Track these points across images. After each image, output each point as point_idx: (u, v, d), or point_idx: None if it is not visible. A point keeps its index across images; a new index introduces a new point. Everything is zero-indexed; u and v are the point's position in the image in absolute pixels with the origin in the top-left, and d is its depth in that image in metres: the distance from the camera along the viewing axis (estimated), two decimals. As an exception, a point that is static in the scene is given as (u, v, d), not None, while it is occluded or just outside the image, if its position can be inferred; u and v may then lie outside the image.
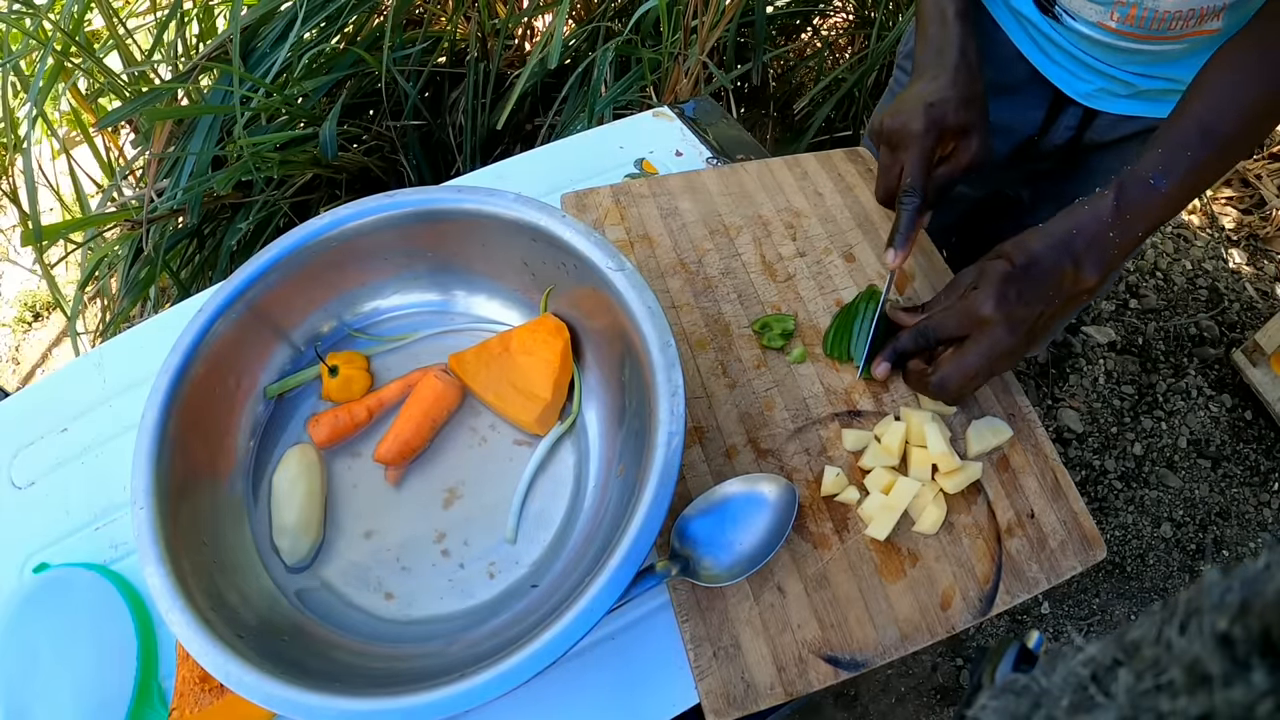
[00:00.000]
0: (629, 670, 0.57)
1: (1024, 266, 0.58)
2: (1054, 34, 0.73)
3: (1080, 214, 0.59)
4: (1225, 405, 1.61)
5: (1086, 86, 0.75)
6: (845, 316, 0.69)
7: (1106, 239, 0.58)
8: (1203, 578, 0.19)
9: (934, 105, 0.64)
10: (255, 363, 0.64)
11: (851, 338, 0.68)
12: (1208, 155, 0.57)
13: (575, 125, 1.25)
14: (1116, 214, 0.58)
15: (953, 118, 0.64)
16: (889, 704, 1.32)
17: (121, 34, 1.19)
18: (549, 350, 0.63)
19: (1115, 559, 1.46)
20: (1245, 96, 0.56)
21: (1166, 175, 0.57)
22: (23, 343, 1.87)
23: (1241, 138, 0.57)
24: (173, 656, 0.58)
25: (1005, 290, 0.58)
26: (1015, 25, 0.77)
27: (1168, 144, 0.57)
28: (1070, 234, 0.58)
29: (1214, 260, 1.81)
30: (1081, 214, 0.59)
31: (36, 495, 0.67)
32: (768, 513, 0.58)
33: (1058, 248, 0.58)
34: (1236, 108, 0.56)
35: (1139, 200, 0.57)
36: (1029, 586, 0.59)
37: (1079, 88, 0.76)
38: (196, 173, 1.13)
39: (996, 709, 0.25)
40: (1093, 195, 0.59)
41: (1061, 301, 0.59)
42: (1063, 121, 0.80)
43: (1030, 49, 0.77)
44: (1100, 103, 0.75)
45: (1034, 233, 0.60)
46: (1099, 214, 0.58)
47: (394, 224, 0.64)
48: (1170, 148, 0.57)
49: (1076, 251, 0.58)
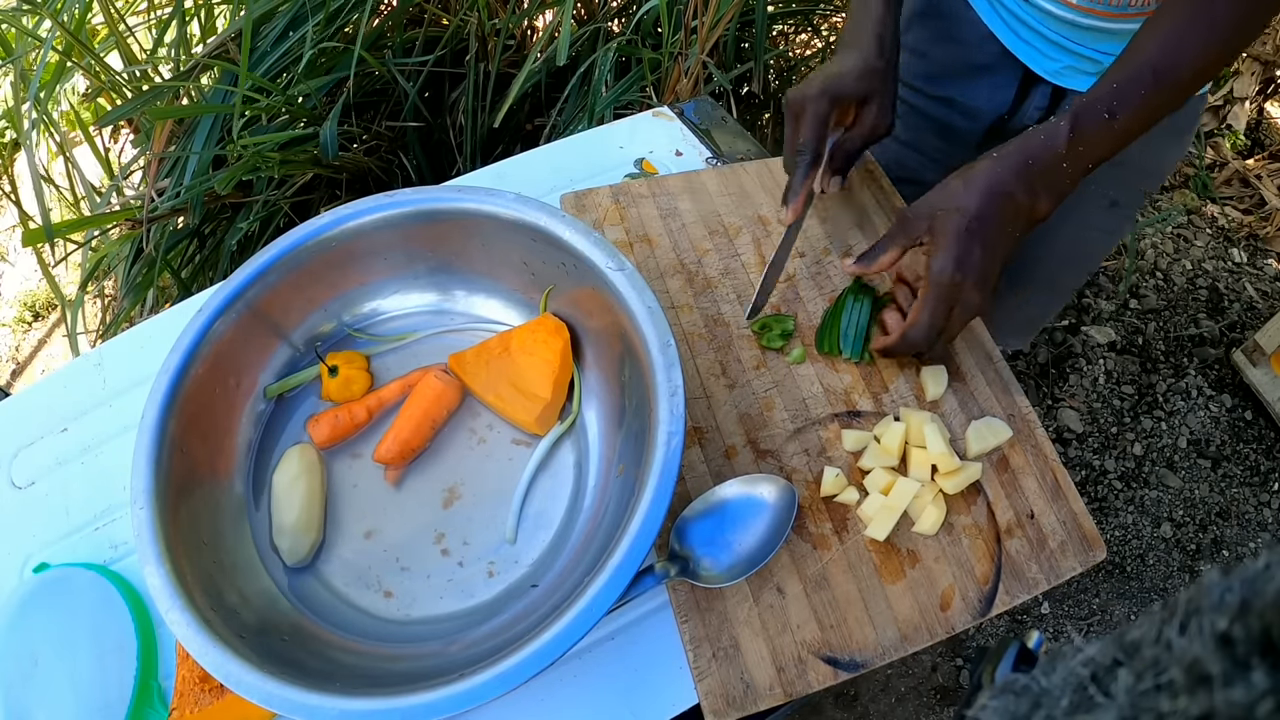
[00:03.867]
0: (629, 670, 0.57)
1: (979, 216, 0.58)
2: (1022, 13, 0.75)
3: (1034, 142, 0.59)
4: (1225, 405, 1.61)
5: (1055, 64, 0.76)
6: (834, 312, 0.70)
7: (1060, 168, 0.59)
8: (1203, 578, 0.19)
9: (835, 76, 0.66)
10: (255, 363, 0.64)
11: (840, 332, 0.68)
12: (1159, 94, 0.58)
13: (576, 125, 1.25)
14: (1070, 143, 0.58)
15: (851, 87, 0.66)
16: (889, 704, 1.32)
17: (122, 30, 1.19)
18: (549, 350, 0.63)
19: (1115, 559, 1.46)
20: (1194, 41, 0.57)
21: (1120, 109, 0.58)
22: (23, 343, 1.87)
23: (1190, 79, 0.58)
24: (173, 656, 0.58)
25: (968, 249, 0.58)
26: (986, 5, 0.79)
27: (1121, 80, 0.58)
28: (1026, 164, 0.59)
29: (1214, 260, 1.81)
30: (1035, 142, 0.59)
31: (36, 495, 0.67)
32: (767, 513, 0.58)
33: (1013, 179, 0.59)
34: (1187, 51, 0.57)
35: (1093, 130, 0.58)
36: (1029, 587, 0.59)
37: (1047, 66, 0.76)
38: (197, 172, 1.13)
39: (996, 709, 0.25)
40: (1046, 124, 0.60)
41: (1020, 234, 0.60)
42: (1032, 101, 0.81)
43: (1000, 28, 0.78)
44: (1068, 80, 0.76)
45: (985, 165, 0.60)
46: (1054, 143, 0.58)
47: (394, 224, 0.64)
48: (1124, 83, 0.58)
49: (1031, 180, 0.59)
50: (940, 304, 0.60)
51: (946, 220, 0.59)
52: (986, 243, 0.59)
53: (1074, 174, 0.59)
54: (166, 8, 1.29)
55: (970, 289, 0.59)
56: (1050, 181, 0.59)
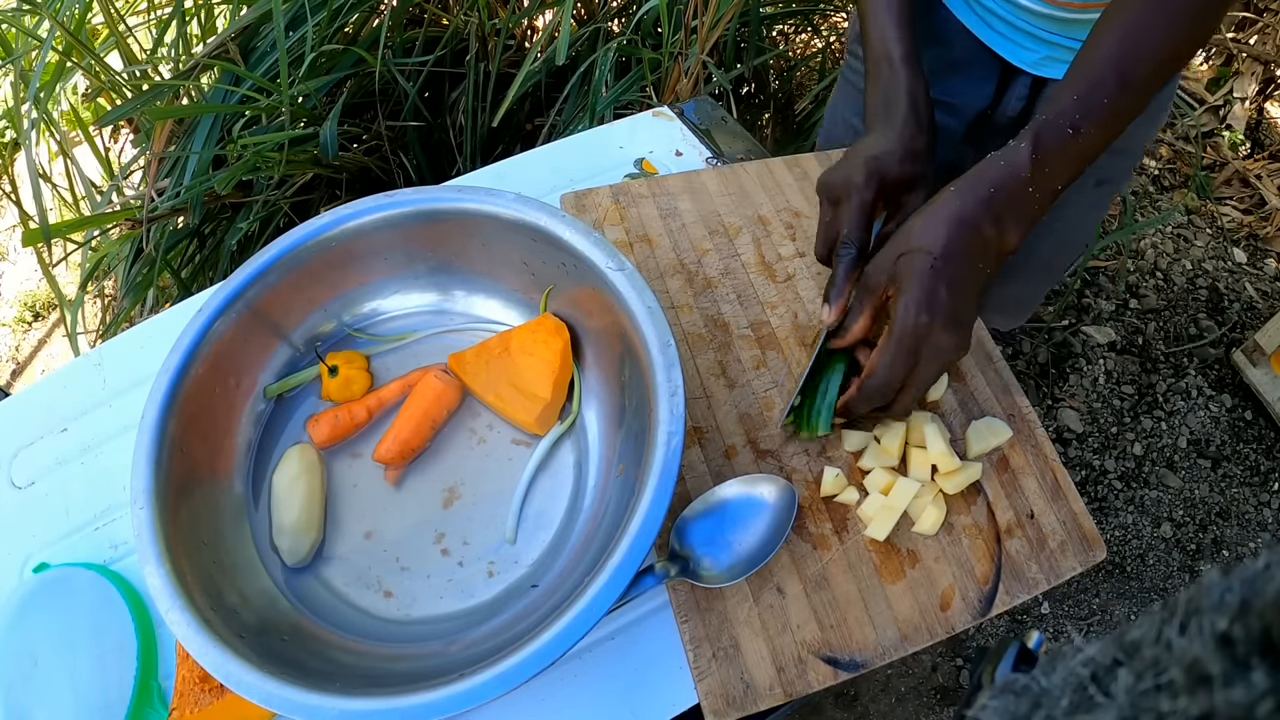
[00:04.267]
0: (629, 670, 0.57)
1: (944, 255, 0.53)
2: (995, 7, 0.74)
3: (995, 169, 0.54)
4: (1225, 405, 1.61)
5: (1033, 56, 0.75)
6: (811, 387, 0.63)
7: (1026, 194, 0.54)
8: (1203, 578, 0.19)
9: (877, 158, 0.61)
10: (255, 363, 0.64)
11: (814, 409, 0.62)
12: (1123, 99, 0.54)
13: (576, 125, 1.25)
14: (1035, 166, 0.54)
15: (896, 170, 0.61)
16: (889, 704, 1.32)
17: (122, 30, 1.19)
18: (549, 350, 0.63)
19: (1115, 559, 1.46)
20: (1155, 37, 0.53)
21: (1084, 120, 0.54)
22: (23, 343, 1.87)
23: (1154, 78, 0.54)
24: (173, 656, 0.58)
25: (933, 290, 0.53)
26: (959, 2, 0.77)
27: (1081, 89, 0.54)
28: (989, 193, 0.54)
29: (1214, 260, 1.81)
30: (997, 169, 0.54)
31: (36, 495, 0.67)
32: (767, 513, 0.58)
33: (977, 212, 0.54)
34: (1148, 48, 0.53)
35: (1057, 149, 0.54)
36: (1029, 587, 0.59)
37: (1025, 57, 0.75)
38: (197, 172, 1.13)
39: (996, 709, 0.25)
40: (1005, 148, 0.55)
41: (990, 270, 0.55)
42: (1014, 92, 0.80)
43: (974, 22, 0.77)
44: (1049, 70, 0.75)
45: (945, 200, 0.55)
46: (1016, 168, 0.54)
47: (394, 224, 0.64)
48: (1085, 92, 0.54)
49: (998, 211, 0.54)
50: (901, 351, 0.54)
51: (910, 262, 0.54)
52: (954, 282, 0.54)
53: (1042, 200, 0.55)
54: (166, 8, 1.29)
55: (939, 331, 0.53)
56: (1017, 211, 0.54)
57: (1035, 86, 0.79)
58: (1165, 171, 1.96)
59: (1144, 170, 1.95)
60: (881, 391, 0.56)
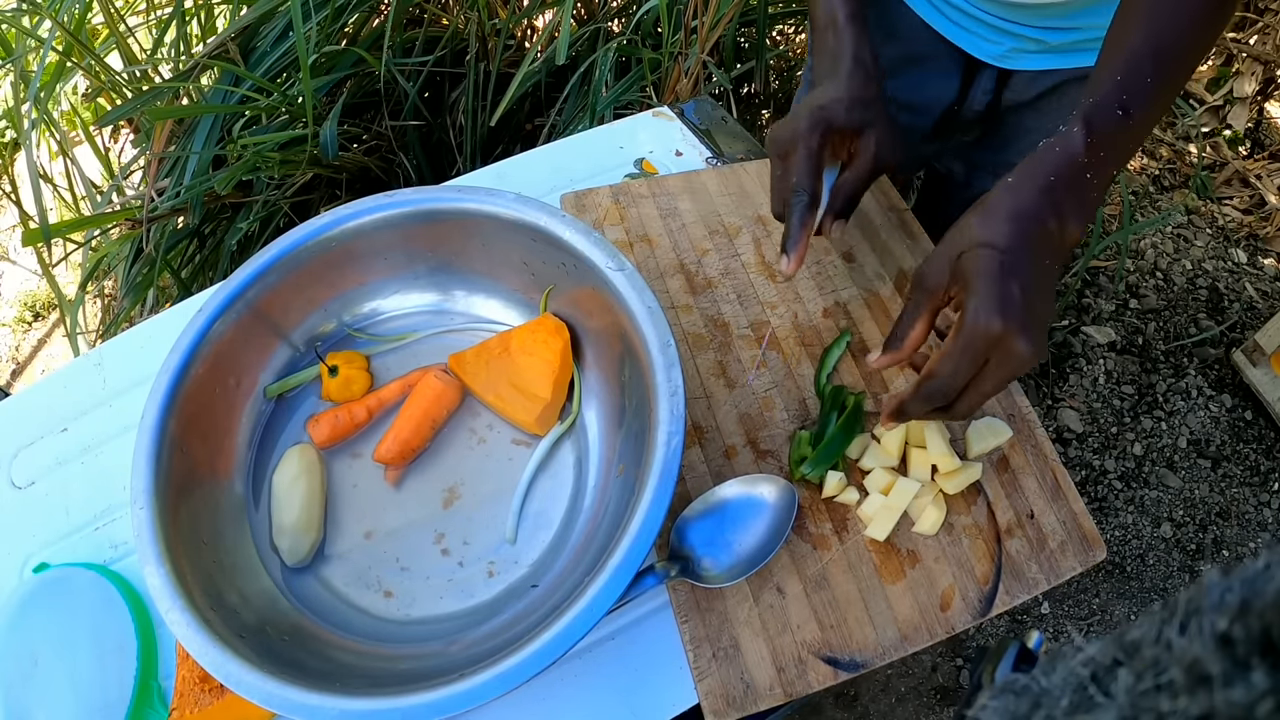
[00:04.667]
0: (629, 670, 0.57)
1: (1010, 247, 0.49)
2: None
3: (1052, 157, 0.51)
4: (1225, 405, 1.61)
5: (997, 48, 0.73)
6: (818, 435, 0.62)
7: (1085, 180, 0.51)
8: (1203, 578, 0.19)
9: (823, 107, 0.59)
10: (255, 363, 0.64)
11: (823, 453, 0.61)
12: (1164, 78, 0.51)
13: (576, 125, 1.25)
14: (1090, 150, 0.50)
15: (843, 118, 0.59)
16: (889, 704, 1.32)
17: (122, 30, 1.19)
18: (549, 350, 0.63)
19: (1115, 559, 1.46)
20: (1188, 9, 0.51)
21: (1132, 103, 0.51)
22: (23, 343, 1.87)
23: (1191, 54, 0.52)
24: (173, 656, 0.58)
25: (1006, 288, 0.48)
26: None
27: (1125, 70, 0.51)
28: (1049, 182, 0.50)
29: (1214, 260, 1.81)
30: (1054, 156, 0.51)
31: (36, 495, 0.67)
32: (767, 514, 0.58)
33: (1038, 203, 0.50)
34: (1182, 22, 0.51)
35: (1110, 132, 0.51)
36: (1029, 587, 0.59)
37: (989, 50, 0.73)
38: (197, 172, 1.13)
39: (996, 709, 0.25)
40: (1057, 134, 0.52)
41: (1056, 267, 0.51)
42: (979, 86, 0.78)
43: (935, 17, 0.75)
44: (1014, 62, 0.73)
45: (1001, 194, 0.51)
46: (1072, 153, 0.51)
47: (394, 224, 0.64)
48: (1128, 74, 0.51)
49: (1058, 200, 0.50)
50: (968, 356, 0.49)
51: (975, 260, 0.49)
52: (1026, 281, 0.49)
53: (1099, 185, 0.51)
54: (166, 8, 1.29)
55: (1015, 339, 0.48)
56: (1077, 198, 0.51)
57: (1001, 79, 0.77)
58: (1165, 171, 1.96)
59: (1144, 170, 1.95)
60: (943, 393, 0.52)
